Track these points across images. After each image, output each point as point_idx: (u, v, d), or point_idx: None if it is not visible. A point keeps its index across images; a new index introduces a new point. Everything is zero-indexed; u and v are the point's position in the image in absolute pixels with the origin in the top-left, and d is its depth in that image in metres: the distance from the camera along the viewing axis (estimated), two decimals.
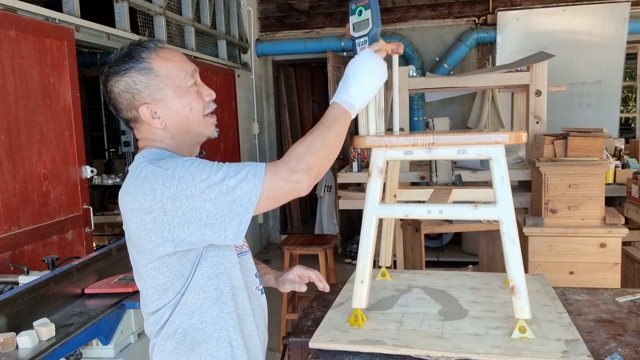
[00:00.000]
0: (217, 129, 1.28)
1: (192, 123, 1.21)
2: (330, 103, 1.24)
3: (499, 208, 1.30)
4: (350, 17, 1.35)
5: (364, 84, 1.23)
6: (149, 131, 1.21)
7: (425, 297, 1.61)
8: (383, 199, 1.54)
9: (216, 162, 1.11)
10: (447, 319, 1.44)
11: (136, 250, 1.16)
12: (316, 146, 1.12)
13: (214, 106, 1.27)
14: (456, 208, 1.40)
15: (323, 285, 1.44)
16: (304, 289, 1.45)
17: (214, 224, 1.07)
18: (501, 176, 1.29)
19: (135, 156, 1.21)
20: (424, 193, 1.76)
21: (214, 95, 1.26)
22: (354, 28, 1.35)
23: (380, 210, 1.39)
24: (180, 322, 1.17)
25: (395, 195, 1.75)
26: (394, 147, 1.36)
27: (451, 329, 1.38)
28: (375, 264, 1.61)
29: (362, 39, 1.33)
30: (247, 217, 1.07)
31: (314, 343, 1.31)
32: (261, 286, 1.37)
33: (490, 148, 1.30)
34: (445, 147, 1.33)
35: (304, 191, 1.10)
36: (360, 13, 1.32)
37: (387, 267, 1.80)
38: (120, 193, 1.16)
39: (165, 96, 1.19)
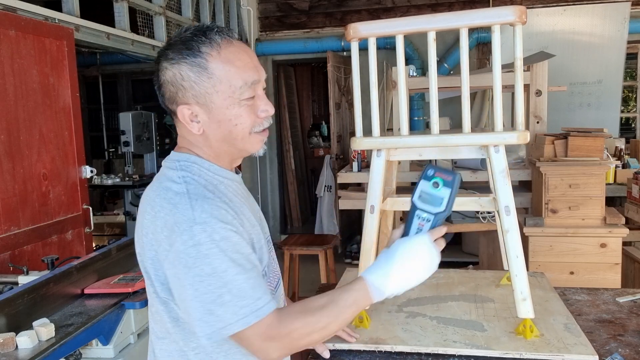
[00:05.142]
0: (265, 147, 1.13)
1: (234, 138, 1.07)
2: (358, 275, 1.09)
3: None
4: (421, 182, 1.13)
5: (409, 274, 1.07)
6: (187, 132, 1.09)
7: (427, 296, 1.60)
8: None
9: (229, 261, 0.98)
10: (451, 317, 1.44)
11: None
12: (318, 334, 1.02)
13: (268, 123, 1.11)
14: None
15: (352, 339, 1.33)
16: (326, 355, 1.31)
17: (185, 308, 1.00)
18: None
19: (167, 158, 1.13)
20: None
21: (271, 112, 1.09)
22: (420, 196, 1.12)
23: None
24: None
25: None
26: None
27: (454, 325, 1.39)
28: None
29: (425, 215, 1.11)
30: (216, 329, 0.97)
31: None
32: None
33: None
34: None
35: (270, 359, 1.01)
36: (436, 185, 1.11)
37: None
38: (144, 199, 1.08)
39: (212, 103, 1.04)
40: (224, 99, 1.03)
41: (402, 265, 1.06)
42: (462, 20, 1.27)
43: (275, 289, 1.17)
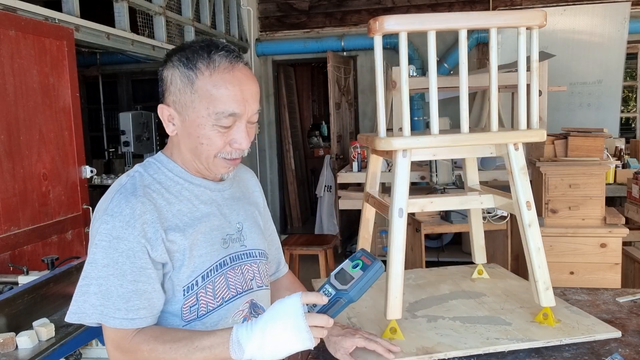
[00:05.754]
0: (231, 171, 1.12)
1: (200, 154, 1.08)
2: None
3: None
4: (346, 261, 1.06)
5: (271, 339, 0.95)
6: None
7: (424, 297, 1.60)
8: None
9: (111, 261, 1.01)
10: (468, 316, 1.46)
11: None
12: None
13: (239, 154, 1.09)
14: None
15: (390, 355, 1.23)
16: None
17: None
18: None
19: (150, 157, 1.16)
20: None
21: (244, 147, 1.07)
22: (338, 272, 1.04)
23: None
24: None
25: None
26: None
27: (479, 323, 1.41)
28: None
29: (330, 289, 1.01)
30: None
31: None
32: None
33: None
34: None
35: None
36: (355, 266, 1.03)
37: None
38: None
39: (187, 115, 1.06)
40: (198, 116, 1.04)
41: (266, 327, 0.96)
42: (492, 21, 1.33)
43: (216, 309, 1.09)
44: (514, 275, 1.79)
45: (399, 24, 1.29)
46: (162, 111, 1.10)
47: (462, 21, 1.30)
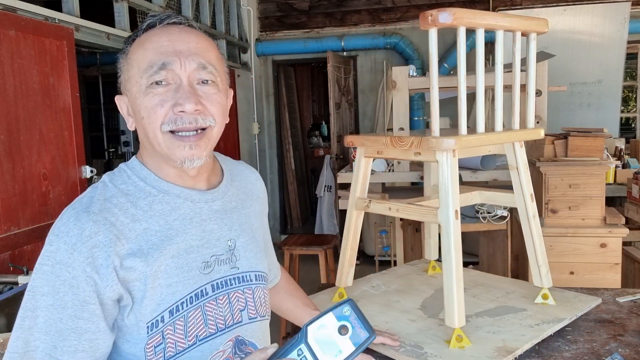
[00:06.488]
0: (199, 159, 0.89)
1: (148, 136, 0.89)
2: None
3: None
4: (329, 315, 0.80)
5: None
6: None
7: (425, 302, 1.61)
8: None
9: (52, 289, 0.84)
10: (484, 310, 1.48)
11: None
12: None
13: (187, 122, 0.87)
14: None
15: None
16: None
17: None
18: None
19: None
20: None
21: (187, 109, 0.86)
22: (319, 328, 0.79)
23: None
24: None
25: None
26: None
27: (501, 315, 1.45)
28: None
29: (308, 357, 0.78)
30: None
31: None
32: None
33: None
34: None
35: None
36: (344, 332, 0.78)
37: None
38: None
39: (128, 91, 0.91)
40: (133, 86, 0.89)
41: None
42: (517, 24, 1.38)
43: (188, 349, 0.89)
44: (477, 272, 1.88)
45: (456, 18, 1.23)
46: (119, 104, 0.95)
47: (503, 22, 1.33)
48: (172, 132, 0.88)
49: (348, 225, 1.55)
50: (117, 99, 0.95)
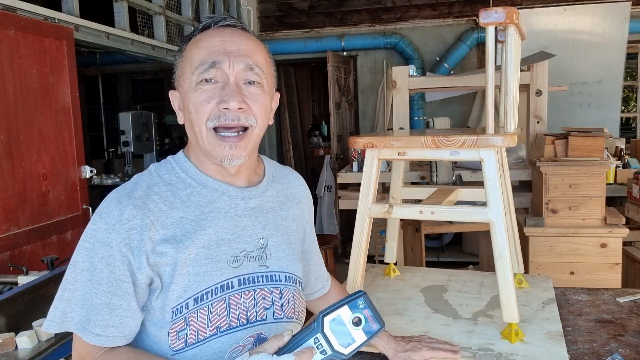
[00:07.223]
0: (239, 159, 0.94)
1: (194, 130, 0.95)
2: None
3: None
4: (344, 307, 0.85)
5: None
6: None
7: (434, 308, 1.60)
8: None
9: (90, 265, 0.90)
10: (485, 308, 1.45)
11: None
12: None
13: (230, 119, 0.91)
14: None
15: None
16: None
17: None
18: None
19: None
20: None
21: (232, 107, 0.91)
22: (334, 320, 0.85)
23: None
24: None
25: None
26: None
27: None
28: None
29: (325, 346, 0.84)
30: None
31: None
32: None
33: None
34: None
35: None
36: (357, 323, 0.84)
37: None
38: None
39: (180, 87, 0.97)
40: (185, 82, 0.95)
41: None
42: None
43: (208, 339, 0.91)
44: (411, 268, 1.95)
45: (507, 17, 1.25)
46: (172, 98, 1.01)
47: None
48: (215, 130, 0.93)
49: (360, 234, 1.42)
50: (171, 94, 1.00)
